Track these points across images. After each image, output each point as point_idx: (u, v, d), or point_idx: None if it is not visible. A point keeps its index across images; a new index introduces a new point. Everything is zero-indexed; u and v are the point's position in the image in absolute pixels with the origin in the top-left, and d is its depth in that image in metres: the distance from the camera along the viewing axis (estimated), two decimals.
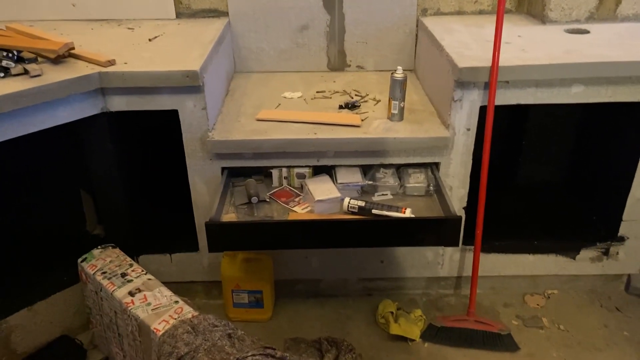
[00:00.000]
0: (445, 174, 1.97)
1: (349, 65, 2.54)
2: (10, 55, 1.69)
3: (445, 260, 2.16)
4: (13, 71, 1.66)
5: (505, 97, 1.84)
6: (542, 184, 2.55)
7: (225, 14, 2.42)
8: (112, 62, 1.79)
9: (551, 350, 1.99)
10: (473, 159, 1.96)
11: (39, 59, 1.78)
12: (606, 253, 2.17)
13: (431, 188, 1.89)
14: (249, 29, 2.44)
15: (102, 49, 1.92)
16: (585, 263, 2.20)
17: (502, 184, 2.44)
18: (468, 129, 1.90)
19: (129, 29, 2.28)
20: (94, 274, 1.78)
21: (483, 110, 1.85)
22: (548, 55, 1.83)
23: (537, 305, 2.20)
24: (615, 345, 2.00)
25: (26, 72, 1.67)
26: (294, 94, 2.25)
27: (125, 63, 1.82)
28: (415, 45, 2.47)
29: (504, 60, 1.76)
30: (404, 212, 1.71)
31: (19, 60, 1.71)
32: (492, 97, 1.79)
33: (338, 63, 2.54)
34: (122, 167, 1.99)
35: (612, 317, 2.13)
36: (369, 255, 2.15)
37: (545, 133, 2.47)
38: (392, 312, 2.06)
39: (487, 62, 1.76)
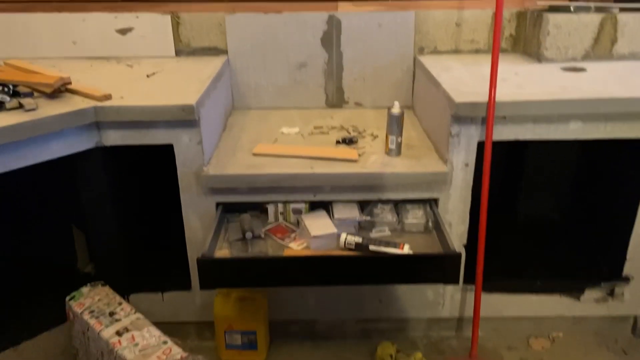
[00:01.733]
0: (444, 210, 1.93)
1: (347, 102, 2.55)
2: (5, 89, 1.68)
3: (446, 299, 2.09)
4: (8, 105, 1.65)
5: (503, 132, 1.83)
6: (544, 222, 2.51)
7: (224, 51, 2.45)
8: (108, 97, 1.79)
9: None
10: (472, 195, 1.93)
11: (35, 93, 1.77)
12: (611, 293, 2.10)
13: (430, 224, 1.85)
14: (248, 66, 2.46)
15: (99, 85, 1.92)
16: (590, 304, 2.13)
17: (502, 221, 2.40)
18: (466, 165, 1.87)
19: (128, 65, 2.29)
20: (81, 312, 1.72)
21: (481, 146, 1.83)
22: (545, 91, 1.83)
23: (542, 348, 2.12)
24: None
25: (21, 106, 1.66)
26: (292, 129, 2.24)
27: (122, 97, 1.82)
28: (413, 83, 2.49)
29: (501, 95, 1.76)
30: (402, 249, 1.66)
31: (15, 94, 1.70)
32: (489, 133, 1.77)
33: (336, 100, 2.55)
34: (115, 203, 1.96)
35: None
36: (367, 294, 2.09)
37: (546, 170, 2.45)
38: (391, 355, 1.97)
39: (484, 98, 1.76)
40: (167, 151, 1.86)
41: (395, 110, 1.90)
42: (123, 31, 2.40)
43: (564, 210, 2.51)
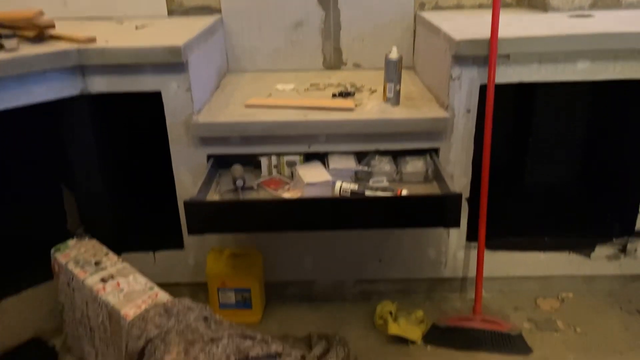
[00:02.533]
0: (445, 160, 1.84)
1: (345, 64, 2.47)
2: None
3: (449, 258, 2.01)
4: None
5: (507, 74, 1.73)
6: (551, 176, 2.39)
7: (218, 11, 2.38)
8: (92, 40, 1.72)
9: (567, 353, 1.80)
10: (475, 145, 1.84)
11: (18, 38, 1.71)
12: (623, 250, 2.00)
13: (430, 174, 1.77)
14: (243, 27, 2.39)
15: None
16: (602, 262, 2.03)
17: (507, 175, 2.31)
18: (468, 110, 1.79)
19: (118, 22, 2.23)
20: (66, 263, 1.65)
21: (483, 89, 1.74)
22: (551, 30, 1.74)
23: (551, 308, 2.02)
24: (638, 348, 1.81)
25: (1, 46, 1.60)
26: (287, 85, 2.17)
27: (106, 41, 1.75)
28: (414, 42, 2.40)
29: (505, 33, 1.67)
30: (400, 194, 1.58)
31: None
32: (492, 72, 1.68)
33: (334, 61, 2.46)
34: (103, 157, 1.89)
35: (634, 321, 1.94)
36: (366, 253, 2.01)
37: (552, 118, 2.34)
38: (391, 313, 1.89)
39: (485, 36, 1.67)
40: (155, 99, 1.79)
41: (393, 55, 1.82)
42: None
43: (572, 164, 2.40)
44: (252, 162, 1.89)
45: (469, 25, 1.89)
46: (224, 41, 2.39)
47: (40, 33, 1.72)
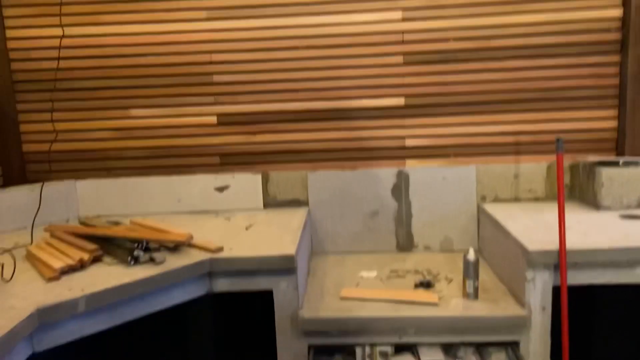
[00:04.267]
0: (525, 352, 2.02)
1: (416, 246, 2.78)
2: (139, 245, 2.00)
3: None
4: (142, 259, 1.95)
5: (575, 277, 1.98)
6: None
7: (305, 203, 2.78)
8: (220, 249, 2.08)
9: None
10: (552, 338, 2.02)
11: (161, 248, 2.09)
12: None
13: None
14: (326, 215, 2.77)
15: (205, 237, 2.23)
16: None
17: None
18: (543, 308, 2.01)
19: (225, 219, 2.63)
20: None
21: (556, 289, 1.98)
22: (610, 238, 2.01)
23: None
24: None
25: (152, 259, 1.96)
26: (370, 273, 2.46)
27: (231, 249, 2.11)
28: (478, 228, 2.71)
29: (570, 243, 1.94)
30: None
31: (146, 250, 2.01)
32: (563, 277, 1.93)
33: (406, 244, 2.78)
34: (218, 349, 2.15)
35: None
36: None
37: (617, 313, 2.51)
38: None
39: (555, 247, 1.94)
40: (266, 297, 2.08)
41: (471, 256, 2.11)
42: (221, 189, 2.79)
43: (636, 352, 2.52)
44: (347, 351, 2.11)
45: (535, 229, 2.18)
46: (310, 227, 2.75)
47: (180, 245, 2.09)
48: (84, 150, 2.79)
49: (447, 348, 2.05)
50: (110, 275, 1.83)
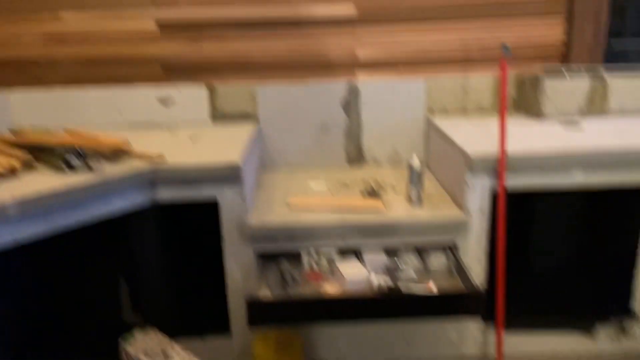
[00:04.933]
0: (463, 254, 2.12)
1: (366, 160, 2.79)
2: (75, 152, 1.92)
3: (468, 339, 2.23)
4: (77, 166, 1.88)
5: (513, 181, 2.04)
6: (554, 266, 2.66)
7: (255, 116, 2.71)
8: (161, 157, 2.02)
9: None
10: (488, 240, 2.12)
11: (99, 157, 2.01)
12: (623, 330, 2.25)
13: (452, 267, 2.03)
14: (276, 130, 2.72)
15: (150, 148, 2.16)
16: (605, 342, 2.26)
17: (515, 264, 2.57)
18: (482, 211, 2.08)
19: (170, 132, 2.55)
20: (136, 355, 1.86)
21: (494, 194, 2.05)
22: (548, 145, 2.07)
23: None
24: None
25: (88, 167, 1.89)
26: (319, 184, 2.47)
27: (174, 158, 2.05)
28: (426, 140, 2.74)
29: (510, 149, 1.99)
30: (430, 288, 1.84)
31: (82, 157, 1.93)
32: (501, 181, 1.99)
33: (356, 158, 2.79)
34: (163, 256, 2.14)
35: None
36: (394, 336, 2.23)
37: (553, 216, 2.65)
38: None
39: (495, 153, 1.99)
40: (212, 206, 2.06)
41: (415, 163, 2.14)
42: (164, 101, 2.67)
43: (573, 255, 2.68)
44: (292, 257, 2.15)
45: (478, 137, 2.22)
46: (260, 141, 2.71)
47: (117, 151, 2.02)
48: (11, 59, 2.59)
49: (390, 252, 2.11)
50: (42, 182, 1.75)
